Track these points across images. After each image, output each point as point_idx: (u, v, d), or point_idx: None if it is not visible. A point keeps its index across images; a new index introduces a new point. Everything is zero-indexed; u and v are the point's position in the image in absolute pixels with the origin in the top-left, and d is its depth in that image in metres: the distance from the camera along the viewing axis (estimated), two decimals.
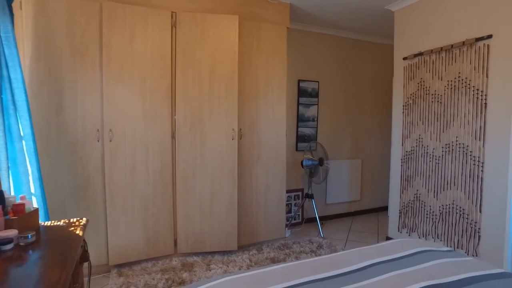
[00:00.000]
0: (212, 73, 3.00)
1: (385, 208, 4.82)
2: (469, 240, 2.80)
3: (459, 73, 2.83)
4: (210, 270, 2.80)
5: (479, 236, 2.72)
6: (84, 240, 1.62)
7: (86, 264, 1.71)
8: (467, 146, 2.78)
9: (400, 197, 3.44)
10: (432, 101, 3.07)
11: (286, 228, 3.80)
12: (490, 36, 2.62)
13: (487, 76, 2.64)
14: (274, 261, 3.02)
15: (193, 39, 2.94)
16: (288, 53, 3.93)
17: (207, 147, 3.03)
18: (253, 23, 3.26)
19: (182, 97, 2.94)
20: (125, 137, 2.76)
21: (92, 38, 2.63)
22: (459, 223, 2.87)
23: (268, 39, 3.34)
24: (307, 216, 4.25)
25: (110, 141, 2.71)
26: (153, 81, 2.84)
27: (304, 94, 4.13)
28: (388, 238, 3.61)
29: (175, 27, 2.90)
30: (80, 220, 1.65)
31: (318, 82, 4.22)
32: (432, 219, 3.10)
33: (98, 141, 2.69)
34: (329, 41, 4.31)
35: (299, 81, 4.10)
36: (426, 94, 3.12)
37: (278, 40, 3.40)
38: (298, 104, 4.11)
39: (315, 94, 4.20)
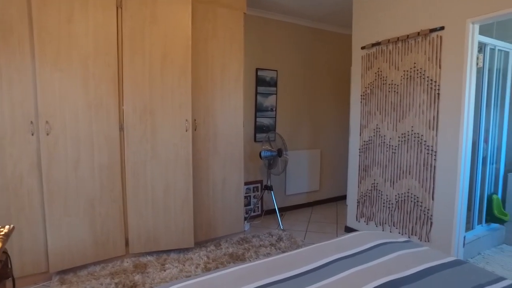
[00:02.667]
0: (163, 60, 2.78)
1: (343, 197, 4.90)
2: (422, 227, 2.87)
3: (415, 63, 2.85)
4: (164, 271, 2.64)
5: (431, 223, 2.80)
6: (5, 253, 1.38)
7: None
8: (422, 135, 2.83)
9: (358, 187, 3.47)
10: (389, 91, 3.08)
11: (245, 222, 3.71)
12: (442, 28, 2.65)
13: (440, 67, 2.68)
14: (232, 256, 2.92)
15: (141, 22, 2.69)
16: (245, 41, 3.79)
17: (159, 139, 2.82)
18: (208, 7, 3.06)
19: (131, 85, 2.69)
20: (65, 129, 2.48)
21: (19, 16, 2.29)
22: (413, 210, 2.93)
23: (224, 25, 3.17)
24: (266, 208, 4.19)
25: (47, 134, 2.41)
26: (97, 68, 2.56)
27: (263, 83, 4.01)
28: (346, 228, 3.65)
29: (121, 8, 2.63)
30: (1, 229, 1.41)
31: (276, 71, 4.12)
32: (389, 207, 3.15)
33: (33, 134, 2.39)
34: (288, 29, 4.21)
35: (257, 69, 3.97)
36: (383, 84, 3.13)
37: (234, 26, 3.23)
38: (256, 93, 3.99)
39: (273, 83, 4.10)
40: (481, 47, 2.91)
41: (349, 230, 3.60)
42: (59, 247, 2.51)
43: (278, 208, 4.21)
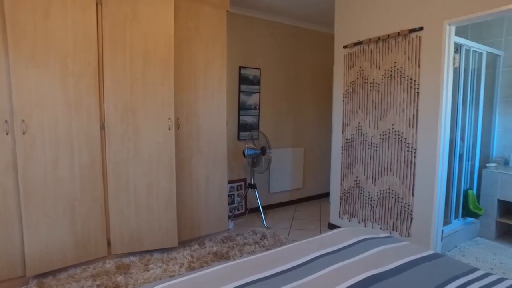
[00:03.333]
0: (146, 58, 2.74)
1: (326, 195, 4.96)
2: (403, 223, 2.94)
3: (395, 62, 2.92)
4: (148, 271, 2.60)
5: (412, 218, 2.88)
6: None
7: None
8: (402, 133, 2.89)
9: (341, 184, 3.52)
10: (370, 90, 3.14)
11: (229, 220, 3.71)
12: (421, 28, 2.72)
13: (419, 67, 2.75)
14: (217, 255, 2.91)
15: (123, 19, 2.64)
16: (228, 39, 3.78)
17: (141, 138, 2.78)
18: (191, 5, 3.03)
19: (112, 83, 2.64)
20: (43, 128, 2.40)
21: None
22: (394, 207, 3.00)
23: (207, 23, 3.14)
24: (250, 206, 4.20)
25: (24, 133, 2.33)
26: (77, 65, 2.50)
27: (246, 81, 4.01)
28: (330, 225, 3.70)
29: (101, 4, 2.57)
30: None
31: (260, 69, 4.12)
32: (371, 204, 3.22)
33: (7, 133, 2.31)
34: (272, 28, 4.22)
35: (240, 68, 3.96)
36: (365, 82, 3.18)
37: (217, 24, 3.21)
38: (240, 92, 3.98)
39: (256, 81, 4.10)
40: (457, 48, 3.01)
41: (332, 227, 3.65)
42: (37, 250, 2.44)
43: (262, 206, 4.22)
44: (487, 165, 3.45)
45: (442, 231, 2.85)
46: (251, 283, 1.31)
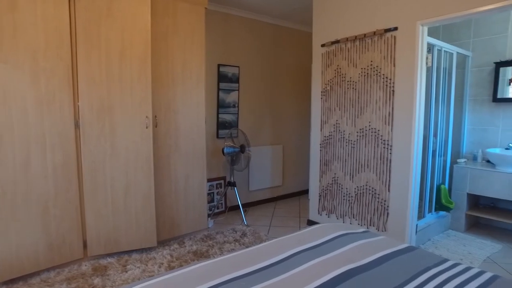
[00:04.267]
0: (122, 55, 2.67)
1: (306, 192, 5.02)
2: (380, 218, 3.02)
3: (371, 61, 2.98)
4: (126, 272, 2.56)
5: (388, 213, 2.96)
6: None
7: None
8: (378, 130, 2.97)
9: (320, 181, 3.57)
10: (348, 88, 3.20)
11: (209, 218, 3.69)
12: (396, 28, 2.79)
13: (394, 65, 2.83)
14: (196, 254, 2.89)
15: (97, 15, 2.56)
16: (207, 36, 3.75)
17: (118, 136, 2.72)
18: (168, 1, 2.99)
19: (87, 80, 2.56)
20: (12, 126, 2.31)
21: None
22: (371, 202, 3.08)
23: (185, 19, 3.10)
24: (230, 204, 4.19)
25: None
26: (49, 61, 2.41)
27: (224, 79, 3.99)
28: (309, 221, 3.75)
29: None
30: None
31: (238, 67, 4.11)
32: (349, 200, 3.28)
33: None
34: (250, 25, 4.22)
35: (219, 65, 3.94)
36: (342, 80, 3.24)
37: (195, 21, 3.18)
38: (218, 89, 3.96)
39: (235, 79, 4.09)
40: (430, 48, 3.11)
41: (311, 223, 3.70)
42: (6, 255, 2.34)
43: (242, 204, 4.23)
44: (458, 160, 3.60)
45: (417, 225, 2.95)
46: (230, 281, 1.31)
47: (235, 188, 3.86)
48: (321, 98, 3.47)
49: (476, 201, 3.70)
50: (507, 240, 3.28)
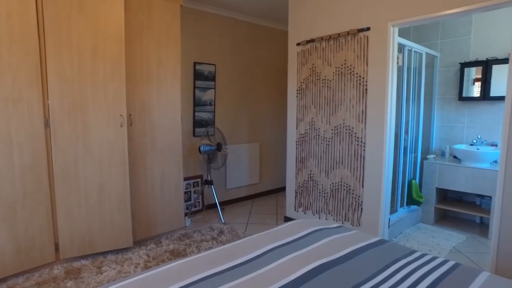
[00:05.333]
0: (94, 52, 2.61)
1: (283, 189, 5.08)
2: (354, 213, 3.10)
3: (345, 60, 3.05)
4: (101, 273, 2.50)
5: (362, 209, 3.04)
6: None
7: None
8: (352, 128, 3.04)
9: (296, 178, 3.63)
10: (322, 86, 3.26)
11: (186, 217, 3.67)
12: (368, 28, 2.87)
13: (367, 65, 2.90)
14: (173, 253, 2.87)
15: (67, 10, 2.48)
16: (183, 34, 3.71)
17: (91, 135, 2.66)
18: None
19: (57, 78, 2.48)
20: None
21: None
22: (346, 198, 3.16)
23: (159, 17, 3.06)
24: (207, 203, 4.18)
25: None
26: (14, 57, 2.31)
27: (201, 77, 3.97)
28: (286, 218, 3.80)
29: None
30: None
31: (215, 65, 4.10)
32: (324, 196, 3.35)
33: None
34: (226, 23, 4.21)
35: (195, 63, 3.91)
36: (317, 79, 3.30)
37: (171, 18, 3.14)
38: (195, 87, 3.93)
39: (212, 77, 4.08)
40: (401, 48, 3.22)
41: (288, 220, 3.75)
42: None
43: (219, 202, 4.23)
44: (428, 156, 3.75)
45: (389, 219, 3.05)
46: (206, 278, 1.32)
47: (212, 186, 3.85)
48: (297, 96, 3.52)
49: (444, 195, 3.88)
50: (471, 231, 3.46)
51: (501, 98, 3.32)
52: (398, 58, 3.14)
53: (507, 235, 2.23)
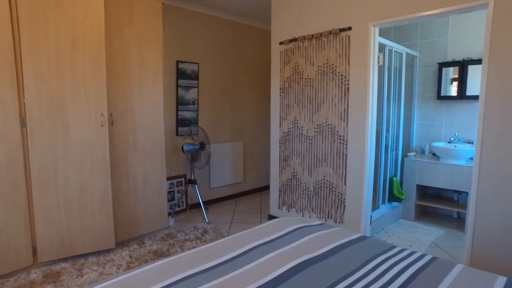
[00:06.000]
0: (73, 49, 2.55)
1: (267, 187, 5.10)
2: (337, 210, 3.15)
3: (327, 59, 3.08)
4: (82, 276, 2.45)
5: (344, 206, 3.09)
6: None
7: None
8: (335, 126, 3.08)
9: (279, 176, 3.65)
10: (305, 85, 3.29)
11: (170, 217, 3.64)
12: (350, 28, 2.91)
13: (348, 64, 2.95)
14: (157, 254, 2.84)
15: (44, 4, 2.41)
16: (165, 32, 3.67)
17: (71, 135, 2.60)
18: None
19: (34, 75, 2.41)
20: None
21: None
22: (329, 196, 3.20)
23: (141, 14, 3.02)
24: (191, 202, 4.16)
25: None
26: None
27: (184, 76, 3.94)
28: (270, 216, 3.81)
29: None
30: None
31: (198, 64, 4.07)
32: (307, 194, 3.38)
33: None
34: (210, 22, 4.18)
35: (177, 62, 3.87)
36: (300, 78, 3.32)
37: (152, 16, 3.10)
38: (177, 86, 3.90)
39: (195, 76, 4.05)
40: (381, 48, 3.28)
41: (272, 218, 3.76)
42: None
43: (203, 202, 4.21)
44: (408, 154, 3.84)
45: (371, 216, 3.11)
46: (187, 278, 1.31)
47: (196, 185, 3.83)
48: (280, 95, 3.53)
49: (424, 192, 3.98)
50: (449, 226, 3.57)
51: (476, 97, 3.43)
52: (379, 57, 3.20)
53: (481, 229, 2.31)
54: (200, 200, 3.85)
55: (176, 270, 1.37)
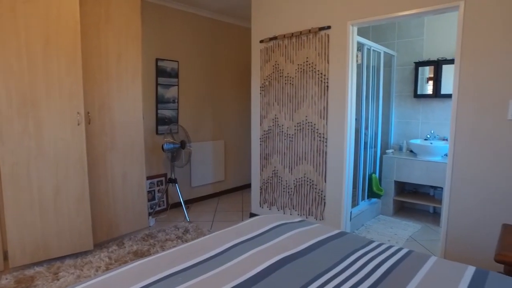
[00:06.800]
0: (47, 45, 2.46)
1: (248, 186, 5.10)
2: (317, 207, 3.18)
3: (307, 58, 3.11)
4: (58, 280, 2.39)
5: (325, 203, 3.13)
6: None
7: None
8: (314, 124, 3.11)
9: (260, 175, 3.66)
10: (285, 83, 3.30)
11: (150, 217, 3.58)
12: (329, 27, 2.94)
13: (328, 62, 2.98)
14: (137, 254, 2.80)
15: (11, 0, 2.32)
16: (144, 29, 3.61)
17: (45, 134, 2.51)
18: None
19: (3, 71, 2.32)
20: None
21: None
22: (309, 193, 3.23)
23: (119, 10, 2.95)
24: (172, 202, 4.11)
25: None
26: None
27: (163, 74, 3.88)
28: (251, 214, 3.82)
29: None
30: None
31: (178, 61, 4.02)
32: (288, 192, 3.41)
33: None
34: (189, 20, 4.14)
35: (157, 60, 3.81)
36: (280, 76, 3.34)
37: (130, 13, 3.04)
38: (157, 84, 3.84)
39: (174, 74, 4.00)
40: (360, 47, 3.33)
41: (253, 216, 3.77)
42: None
43: (184, 201, 4.17)
44: (387, 151, 3.92)
45: (351, 212, 3.16)
46: (167, 277, 1.30)
47: (177, 184, 3.79)
48: (260, 93, 3.54)
49: (402, 188, 4.08)
50: (426, 220, 3.68)
51: (450, 96, 3.54)
52: (357, 56, 3.26)
53: (454, 222, 2.40)
54: (181, 199, 3.81)
55: (155, 270, 1.35)
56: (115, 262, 2.67)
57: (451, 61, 3.56)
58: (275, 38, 3.32)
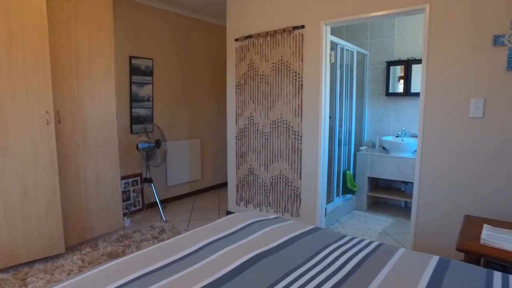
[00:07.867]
0: (10, 41, 2.36)
1: (225, 184, 5.10)
2: (293, 204, 3.23)
3: (282, 56, 3.14)
4: (26, 286, 2.30)
5: (300, 200, 3.18)
6: None
7: None
8: (289, 122, 3.15)
9: (237, 173, 3.67)
10: (260, 82, 3.32)
11: (125, 217, 3.52)
12: (303, 26, 2.99)
13: (302, 61, 3.02)
14: (112, 256, 2.74)
15: None
16: (117, 26, 3.53)
17: (11, 135, 2.41)
18: None
19: None
20: None
21: None
22: (285, 190, 3.27)
23: (89, 7, 2.87)
24: (148, 202, 4.05)
25: None
26: None
27: (137, 72, 3.81)
28: (228, 213, 3.83)
29: None
30: None
31: (152, 59, 3.96)
32: (264, 190, 3.44)
33: None
34: (164, 17, 4.08)
35: (130, 57, 3.73)
36: (255, 74, 3.35)
37: (102, 9, 2.96)
38: (131, 82, 3.76)
39: (149, 72, 3.93)
40: (333, 46, 3.40)
41: (230, 214, 3.78)
42: None
43: (160, 200, 4.12)
44: (360, 148, 4.03)
45: (326, 208, 3.23)
46: (142, 277, 1.29)
47: (152, 184, 3.74)
48: (236, 92, 3.55)
49: (375, 183, 4.20)
50: (398, 215, 3.81)
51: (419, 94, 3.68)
52: (331, 55, 3.33)
53: (422, 216, 2.50)
54: (157, 199, 3.76)
55: (129, 270, 1.33)
56: (88, 264, 2.60)
57: (419, 61, 3.70)
58: (250, 36, 3.33)
